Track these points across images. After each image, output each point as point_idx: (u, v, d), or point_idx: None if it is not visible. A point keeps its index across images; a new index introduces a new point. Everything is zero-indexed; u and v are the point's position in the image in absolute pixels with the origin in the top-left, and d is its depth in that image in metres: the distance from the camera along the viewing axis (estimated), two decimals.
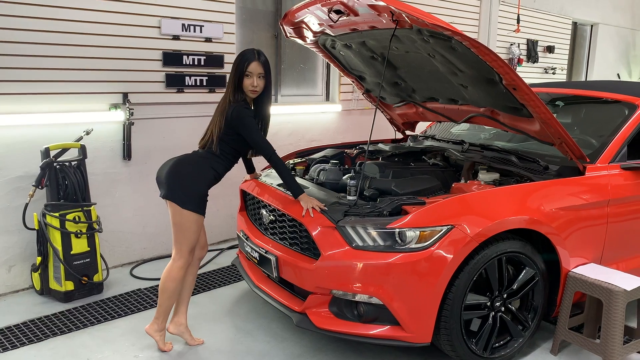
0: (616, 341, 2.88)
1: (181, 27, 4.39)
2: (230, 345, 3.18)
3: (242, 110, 2.93)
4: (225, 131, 2.95)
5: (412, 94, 3.99)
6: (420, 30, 2.94)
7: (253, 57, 2.96)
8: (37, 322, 3.39)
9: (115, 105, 4.13)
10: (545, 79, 8.39)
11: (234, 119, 2.91)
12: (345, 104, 5.80)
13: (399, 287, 2.70)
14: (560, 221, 3.02)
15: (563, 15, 8.59)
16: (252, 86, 2.97)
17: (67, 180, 3.71)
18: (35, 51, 3.70)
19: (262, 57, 3.00)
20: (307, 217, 2.87)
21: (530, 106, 2.97)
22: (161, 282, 3.01)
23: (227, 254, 4.68)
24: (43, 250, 3.68)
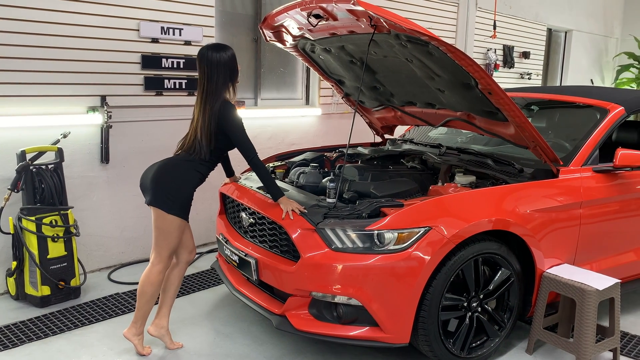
0: (589, 340, 2.95)
1: (160, 29, 4.38)
2: (210, 349, 3.17)
3: (232, 107, 2.93)
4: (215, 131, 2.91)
5: (391, 98, 4.04)
6: (398, 35, 2.98)
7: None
8: (12, 328, 3.34)
9: (93, 108, 4.09)
10: (521, 84, 8.54)
11: (223, 118, 2.88)
12: (325, 108, 5.83)
13: (378, 288, 2.73)
14: (534, 223, 3.09)
15: (538, 22, 8.76)
16: (240, 69, 3.02)
17: (44, 184, 3.67)
18: (11, 53, 3.66)
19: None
20: (286, 219, 2.89)
21: (505, 110, 3.03)
22: (139, 286, 2.99)
23: (207, 257, 4.67)
24: (19, 254, 3.63)
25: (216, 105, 2.87)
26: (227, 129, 2.89)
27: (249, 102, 5.29)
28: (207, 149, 2.91)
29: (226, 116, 2.88)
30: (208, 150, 2.92)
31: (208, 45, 2.97)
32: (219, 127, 2.89)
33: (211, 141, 2.91)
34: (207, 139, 2.89)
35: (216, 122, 2.88)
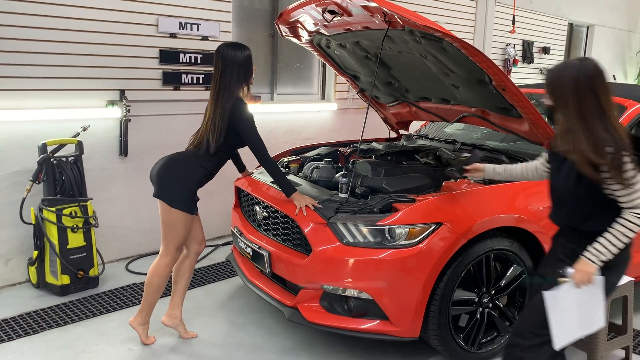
0: (600, 337, 2.94)
1: (178, 25, 4.44)
2: (224, 339, 3.23)
3: (244, 105, 2.97)
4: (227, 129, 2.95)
5: (406, 93, 4.05)
6: (412, 31, 3.00)
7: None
8: (34, 315, 3.44)
9: (112, 102, 4.18)
10: (540, 79, 8.45)
11: (235, 116, 2.92)
12: (341, 103, 5.85)
13: (388, 282, 2.76)
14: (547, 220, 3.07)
15: (559, 17, 8.65)
16: (255, 70, 3.06)
17: (64, 176, 3.76)
18: (33, 48, 3.75)
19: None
20: (299, 214, 2.93)
21: (518, 107, 3.03)
22: (147, 277, 3.06)
23: (222, 250, 4.74)
24: (40, 244, 3.73)
25: (228, 103, 2.91)
26: (238, 127, 2.93)
27: (265, 97, 5.34)
28: (215, 145, 2.94)
29: (237, 114, 2.92)
30: (215, 146, 2.95)
31: (226, 43, 3.02)
32: (230, 124, 2.93)
33: (220, 137, 2.94)
34: (216, 135, 2.92)
35: (227, 120, 2.91)
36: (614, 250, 2.09)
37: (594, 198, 2.13)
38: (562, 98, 2.08)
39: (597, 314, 2.23)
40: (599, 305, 2.21)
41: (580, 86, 2.03)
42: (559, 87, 2.09)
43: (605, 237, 2.10)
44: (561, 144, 2.17)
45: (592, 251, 2.12)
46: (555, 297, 2.19)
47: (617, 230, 2.08)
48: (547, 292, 2.19)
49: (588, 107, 2.04)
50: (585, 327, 2.24)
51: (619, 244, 2.08)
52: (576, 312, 2.20)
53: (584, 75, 2.04)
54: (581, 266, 2.13)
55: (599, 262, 2.10)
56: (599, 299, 2.20)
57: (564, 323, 2.21)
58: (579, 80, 2.04)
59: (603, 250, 2.09)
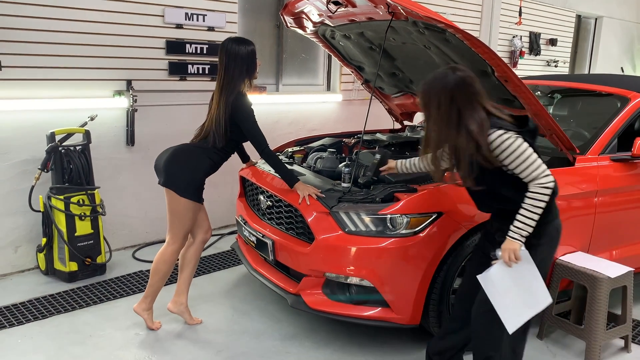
0: (599, 326, 2.98)
1: (184, 16, 4.47)
2: (228, 325, 3.30)
3: (245, 99, 3.01)
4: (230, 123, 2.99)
5: (410, 84, 4.07)
6: (415, 22, 3.01)
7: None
8: (42, 300, 3.52)
9: (119, 92, 4.22)
10: (547, 71, 8.43)
11: (236, 109, 2.97)
12: (346, 94, 5.88)
13: (390, 270, 2.80)
14: None
15: (567, 8, 8.60)
16: (259, 65, 3.09)
17: (72, 164, 3.82)
18: (41, 38, 3.80)
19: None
20: (303, 203, 2.97)
21: (521, 98, 3.04)
22: (154, 264, 3.12)
23: (228, 239, 4.80)
24: (48, 231, 3.80)
25: (230, 97, 2.96)
26: (238, 121, 2.98)
27: (270, 87, 5.37)
28: (223, 138, 3.00)
29: (238, 108, 2.96)
30: (223, 140, 3.00)
31: (231, 37, 3.06)
32: (232, 118, 2.98)
33: (226, 132, 2.99)
34: (222, 128, 2.98)
35: (230, 114, 2.96)
36: (531, 223, 2.22)
37: (503, 181, 2.29)
38: (430, 109, 2.27)
39: (539, 292, 2.31)
40: (537, 282, 2.30)
41: (443, 98, 2.22)
42: (427, 100, 2.27)
43: (520, 213, 2.23)
44: (445, 152, 2.37)
45: (512, 229, 2.25)
46: (488, 278, 2.32)
47: (527, 204, 2.22)
48: (480, 275, 2.33)
49: (453, 116, 2.22)
50: (531, 306, 2.32)
51: (534, 216, 2.21)
52: (517, 292, 2.30)
53: (446, 88, 2.22)
54: (506, 244, 2.27)
55: (520, 237, 2.24)
56: (534, 275, 2.30)
57: (508, 305, 2.31)
58: (441, 93, 2.22)
59: (521, 225, 2.23)
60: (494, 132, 2.22)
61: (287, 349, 3.06)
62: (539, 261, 2.32)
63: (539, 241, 2.32)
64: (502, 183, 2.31)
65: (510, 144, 2.20)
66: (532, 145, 2.26)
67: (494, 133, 2.22)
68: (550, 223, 2.34)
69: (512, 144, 2.20)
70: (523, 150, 2.20)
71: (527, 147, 2.21)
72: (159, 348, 3.03)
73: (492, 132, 2.22)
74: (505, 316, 2.31)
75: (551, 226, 2.35)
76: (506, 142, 2.20)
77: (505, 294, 2.31)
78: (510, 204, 2.29)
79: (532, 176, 2.21)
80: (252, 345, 3.09)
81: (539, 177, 2.20)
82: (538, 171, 2.20)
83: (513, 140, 2.21)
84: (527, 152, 2.20)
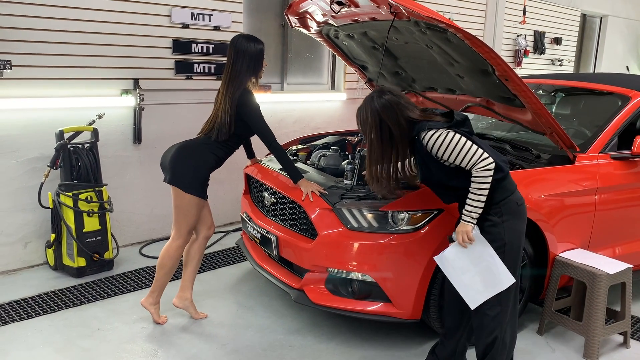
0: (598, 322, 3.02)
1: (191, 15, 4.54)
2: (232, 320, 3.36)
3: (251, 95, 3.07)
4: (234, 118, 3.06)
5: (412, 83, 4.12)
6: (417, 22, 3.06)
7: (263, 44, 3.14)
8: (51, 295, 3.59)
9: (127, 91, 4.29)
10: (551, 70, 8.44)
11: (242, 106, 3.03)
12: (350, 93, 5.93)
13: (391, 266, 2.85)
14: (548, 208, 3.15)
15: (571, 7, 8.61)
16: (265, 66, 3.16)
17: (80, 162, 3.89)
18: (49, 38, 3.87)
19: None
20: (306, 200, 3.03)
21: (521, 96, 3.08)
22: (159, 259, 3.19)
23: (232, 236, 4.86)
24: (57, 227, 3.88)
25: (237, 93, 3.02)
26: (245, 116, 3.04)
27: (275, 86, 5.43)
28: (227, 132, 3.05)
29: (244, 103, 3.02)
30: (227, 134, 3.06)
31: (242, 34, 3.15)
32: (238, 114, 3.03)
33: (230, 126, 3.05)
34: (227, 123, 3.04)
35: (235, 109, 3.02)
36: (479, 204, 2.42)
37: (449, 175, 2.49)
38: (366, 132, 2.53)
39: (499, 271, 2.47)
40: (495, 262, 2.46)
41: (371, 120, 2.48)
42: (363, 125, 2.53)
43: (469, 197, 2.43)
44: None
45: (464, 212, 2.46)
46: (444, 258, 2.53)
47: (473, 189, 2.41)
48: (436, 256, 2.55)
49: (385, 136, 2.47)
50: (493, 285, 2.47)
51: (480, 197, 2.40)
52: (475, 272, 2.48)
53: (373, 111, 2.47)
54: (459, 227, 2.48)
55: (472, 220, 2.44)
56: (490, 255, 2.47)
57: (467, 283, 2.49)
58: (369, 115, 2.48)
59: (470, 208, 2.43)
60: (425, 133, 2.42)
61: (290, 343, 3.12)
62: (510, 236, 2.48)
63: (501, 218, 2.48)
64: (449, 177, 2.50)
65: (442, 140, 2.39)
66: (468, 134, 2.46)
67: (425, 135, 2.42)
68: (508, 198, 2.50)
69: (444, 139, 2.39)
70: (456, 142, 2.39)
71: (459, 139, 2.39)
72: (165, 341, 3.10)
73: (424, 134, 2.43)
74: (465, 293, 2.50)
75: (510, 202, 2.50)
76: (438, 140, 2.40)
77: (463, 273, 2.49)
78: (464, 192, 2.47)
79: (470, 163, 2.38)
80: (256, 339, 3.15)
81: (477, 162, 2.37)
82: (475, 157, 2.38)
83: (444, 136, 2.40)
84: (460, 143, 2.39)
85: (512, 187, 2.54)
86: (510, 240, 2.48)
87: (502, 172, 2.48)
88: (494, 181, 2.42)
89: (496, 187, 2.45)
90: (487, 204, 2.44)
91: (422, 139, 2.44)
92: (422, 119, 2.47)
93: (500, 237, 2.47)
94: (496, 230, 2.46)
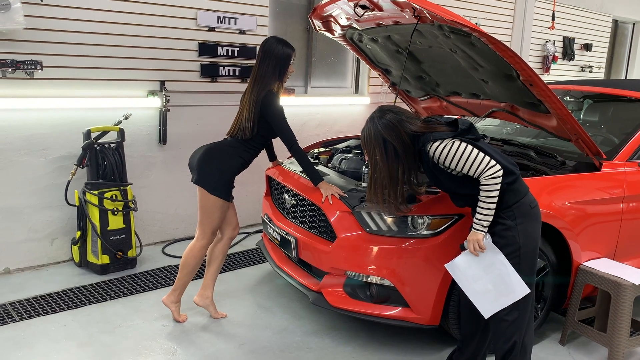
0: (623, 333, 2.94)
1: (217, 19, 4.60)
2: (251, 320, 3.38)
3: (274, 97, 3.09)
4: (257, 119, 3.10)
5: (436, 87, 4.09)
6: (441, 26, 3.04)
7: (293, 48, 3.16)
8: (75, 291, 3.67)
9: (153, 92, 4.37)
10: (581, 77, 8.29)
11: (265, 106, 3.06)
12: (374, 97, 5.92)
13: (410, 271, 2.84)
14: (573, 216, 3.09)
15: (603, 13, 8.45)
16: (291, 72, 3.17)
17: (106, 161, 3.98)
18: (79, 39, 3.97)
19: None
20: (326, 202, 3.03)
21: (546, 102, 3.04)
22: (183, 259, 3.23)
23: (254, 237, 4.89)
24: (82, 225, 3.96)
25: (261, 94, 3.05)
26: (268, 117, 3.07)
27: (299, 89, 5.46)
28: (250, 132, 3.09)
29: (268, 105, 3.05)
30: (250, 133, 3.09)
31: (274, 36, 3.18)
32: (261, 115, 3.06)
33: (254, 125, 3.08)
34: (250, 122, 3.07)
35: (259, 109, 3.05)
36: (488, 212, 2.40)
37: (458, 183, 2.49)
38: (370, 153, 2.56)
39: (512, 281, 2.43)
40: (507, 270, 2.43)
41: (375, 142, 2.50)
42: (368, 147, 2.56)
43: (479, 205, 2.42)
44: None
45: (475, 221, 2.45)
46: (455, 266, 2.51)
47: (482, 197, 2.40)
48: (447, 264, 2.53)
49: (390, 155, 2.49)
50: (506, 294, 2.44)
51: (490, 205, 2.39)
52: (487, 280, 2.44)
53: (376, 132, 2.50)
54: (471, 235, 2.47)
55: (482, 228, 2.43)
56: (503, 263, 2.43)
57: (479, 292, 2.46)
58: (373, 137, 2.51)
59: (480, 217, 2.42)
60: (431, 145, 2.43)
61: (308, 345, 3.12)
62: (525, 239, 2.45)
63: (515, 222, 2.45)
64: (458, 185, 2.51)
65: (449, 150, 2.39)
66: (474, 140, 2.44)
67: (431, 146, 2.41)
68: (521, 201, 2.47)
69: (450, 149, 2.39)
70: (462, 151, 2.38)
71: (465, 148, 2.38)
72: (184, 339, 3.13)
73: (429, 146, 2.43)
74: (478, 302, 2.47)
75: (522, 204, 2.48)
76: (444, 150, 2.40)
77: (475, 281, 2.47)
78: (475, 198, 2.45)
79: (478, 171, 2.37)
80: (274, 340, 3.16)
81: (484, 170, 2.36)
82: (482, 166, 2.36)
83: (450, 145, 2.40)
84: (467, 152, 2.38)
85: (524, 189, 2.52)
86: (525, 243, 2.45)
87: (512, 175, 2.46)
88: (505, 185, 2.41)
89: (507, 190, 2.43)
90: (499, 208, 2.43)
91: (428, 151, 2.44)
92: (425, 131, 2.47)
93: (515, 240, 2.44)
94: (510, 234, 2.44)
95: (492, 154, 2.42)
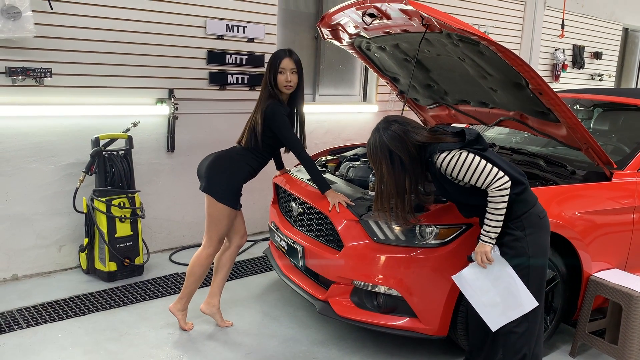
0: (634, 346, 2.90)
1: (225, 27, 4.61)
2: (257, 329, 3.36)
3: (276, 107, 3.10)
4: (261, 128, 3.12)
5: (445, 96, 4.07)
6: (449, 34, 3.03)
7: (284, 54, 3.13)
8: (82, 298, 3.67)
9: (161, 100, 4.38)
10: (590, 85, 8.23)
11: (267, 116, 3.08)
12: (382, 105, 5.91)
13: (417, 280, 2.81)
14: (583, 226, 3.05)
15: (613, 21, 8.40)
16: (286, 82, 3.12)
17: (114, 168, 3.99)
18: (88, 47, 3.99)
19: (294, 55, 3.16)
20: (333, 211, 3.02)
21: (556, 111, 3.01)
22: (189, 267, 3.22)
23: (261, 245, 4.88)
24: (90, 232, 3.97)
25: (264, 104, 3.09)
26: (273, 128, 3.08)
27: (307, 97, 5.44)
28: (255, 140, 3.11)
29: (271, 116, 3.07)
30: (256, 142, 3.11)
31: (291, 50, 3.18)
32: (266, 124, 3.08)
33: (262, 134, 3.10)
34: (257, 131, 3.09)
35: (262, 119, 3.07)
36: (496, 224, 2.39)
37: (465, 194, 2.48)
38: (376, 164, 2.55)
39: (520, 294, 2.40)
40: (515, 283, 2.40)
41: (381, 153, 2.49)
42: (373, 156, 2.54)
43: (486, 217, 2.41)
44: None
45: (482, 232, 2.44)
46: (462, 278, 2.49)
47: (490, 209, 2.39)
48: (454, 275, 2.52)
49: (396, 166, 2.48)
50: (515, 307, 2.42)
51: (498, 217, 2.38)
52: (495, 293, 2.42)
53: (381, 143, 2.48)
54: (478, 247, 2.46)
55: (490, 240, 2.42)
56: (511, 276, 2.41)
57: (487, 304, 2.44)
58: (378, 148, 2.50)
59: (488, 228, 2.41)
60: (438, 156, 2.41)
61: (314, 355, 3.10)
62: (534, 249, 2.43)
63: (524, 232, 2.44)
64: (465, 196, 2.50)
65: (456, 161, 2.38)
66: (482, 151, 2.43)
67: (438, 157, 2.40)
68: (529, 212, 2.45)
69: (458, 160, 2.38)
70: (469, 162, 2.37)
71: (472, 159, 2.37)
72: (190, 348, 3.12)
73: (437, 156, 2.41)
74: (485, 315, 2.45)
75: (531, 215, 2.46)
76: (452, 161, 2.38)
77: (482, 293, 2.45)
78: (482, 209, 2.44)
79: (485, 183, 2.36)
80: (280, 349, 3.14)
81: (492, 182, 2.35)
82: (490, 177, 2.35)
83: (457, 157, 2.38)
84: (474, 163, 2.37)
85: (532, 199, 2.50)
86: (534, 253, 2.43)
87: (520, 185, 2.44)
88: (514, 195, 2.39)
89: (516, 200, 2.41)
90: (508, 218, 2.41)
91: (435, 162, 2.42)
92: (432, 141, 2.45)
93: (524, 251, 2.42)
94: (519, 244, 2.42)
95: (500, 164, 2.40)
